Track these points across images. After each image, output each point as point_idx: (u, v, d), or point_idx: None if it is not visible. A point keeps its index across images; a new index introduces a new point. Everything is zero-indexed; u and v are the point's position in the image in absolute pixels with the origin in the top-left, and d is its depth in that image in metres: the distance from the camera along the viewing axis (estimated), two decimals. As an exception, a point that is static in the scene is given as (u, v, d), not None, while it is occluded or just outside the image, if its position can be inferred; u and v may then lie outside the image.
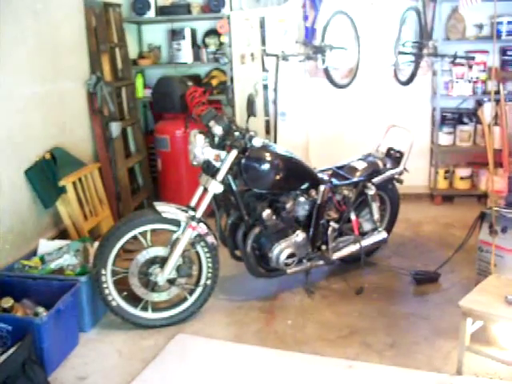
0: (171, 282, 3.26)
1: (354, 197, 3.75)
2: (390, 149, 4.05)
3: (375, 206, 3.84)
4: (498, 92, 4.59)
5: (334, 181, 3.71)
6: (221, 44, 5.54)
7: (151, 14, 5.44)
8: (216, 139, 3.24)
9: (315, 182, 3.58)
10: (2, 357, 2.53)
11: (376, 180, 3.80)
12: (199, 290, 3.35)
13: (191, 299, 3.35)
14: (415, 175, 4.46)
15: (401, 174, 3.96)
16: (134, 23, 5.71)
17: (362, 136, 5.35)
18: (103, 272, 3.16)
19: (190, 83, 5.13)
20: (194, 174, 3.57)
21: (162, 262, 3.21)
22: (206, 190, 3.24)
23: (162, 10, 5.51)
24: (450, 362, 2.83)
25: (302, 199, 3.53)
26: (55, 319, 2.85)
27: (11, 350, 2.55)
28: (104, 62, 4.69)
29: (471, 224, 3.53)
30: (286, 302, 3.57)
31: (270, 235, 3.41)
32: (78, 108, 4.49)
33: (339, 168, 3.90)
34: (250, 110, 3.29)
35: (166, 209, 3.20)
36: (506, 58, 5.20)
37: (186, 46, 5.56)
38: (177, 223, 3.20)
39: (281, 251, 3.40)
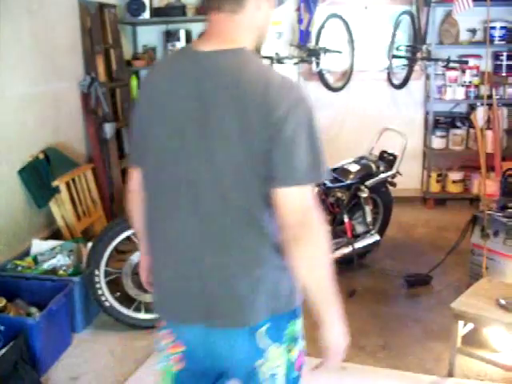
0: (164, 282, 3.26)
1: (347, 199, 3.76)
2: (383, 152, 4.07)
3: (368, 209, 3.86)
4: (490, 96, 4.62)
5: (327, 183, 3.73)
6: (215, 46, 5.54)
7: (146, 15, 5.43)
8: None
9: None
10: (-5, 357, 2.54)
11: (369, 183, 3.82)
12: (192, 291, 3.35)
13: (184, 300, 3.35)
14: (408, 178, 4.49)
15: (394, 177, 3.98)
16: (129, 24, 5.70)
17: (356, 139, 5.37)
18: (96, 272, 3.16)
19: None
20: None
21: (156, 262, 3.21)
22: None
23: (156, 12, 5.51)
24: (442, 364, 2.85)
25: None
26: (48, 319, 2.85)
27: (3, 350, 2.55)
28: (98, 63, 4.69)
29: (463, 227, 3.55)
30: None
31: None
32: (72, 108, 4.49)
33: (332, 170, 3.91)
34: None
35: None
36: (499, 62, 5.24)
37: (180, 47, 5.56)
38: (170, 224, 3.20)
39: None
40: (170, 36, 5.58)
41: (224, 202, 1.39)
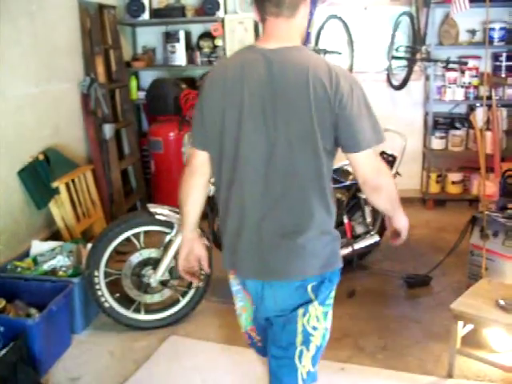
0: (164, 283, 3.26)
1: (347, 200, 3.76)
2: (382, 152, 4.06)
3: (368, 210, 3.86)
4: (490, 97, 4.62)
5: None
6: (215, 47, 5.54)
7: (146, 16, 5.44)
8: (210, 142, 3.24)
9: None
10: (-6, 358, 2.54)
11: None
12: (192, 292, 3.36)
13: (184, 301, 3.35)
14: (407, 179, 4.48)
15: (393, 177, 3.97)
16: (129, 25, 5.71)
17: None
18: (96, 273, 3.16)
19: (183, 86, 5.13)
20: (187, 177, 3.57)
21: (155, 263, 3.21)
22: (199, 192, 3.24)
23: (156, 13, 5.51)
24: (441, 365, 2.85)
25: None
26: (47, 320, 2.85)
27: (3, 352, 2.55)
28: (98, 64, 4.69)
29: (463, 228, 3.55)
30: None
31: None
32: (71, 109, 4.49)
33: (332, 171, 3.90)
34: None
35: (159, 210, 3.20)
36: (498, 63, 5.24)
37: (180, 48, 5.56)
38: (170, 225, 3.21)
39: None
40: (170, 37, 5.58)
41: (294, 170, 1.71)
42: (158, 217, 3.17)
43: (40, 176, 3.81)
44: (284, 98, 1.68)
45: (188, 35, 5.66)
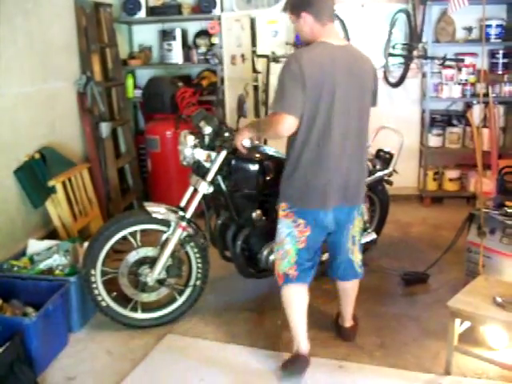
0: (161, 282, 3.25)
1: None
2: (379, 150, 4.05)
3: (365, 207, 3.85)
4: (486, 94, 4.62)
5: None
6: (211, 45, 5.53)
7: (142, 14, 5.43)
8: (206, 140, 3.23)
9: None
10: (-9, 357, 2.53)
11: (366, 181, 3.80)
12: (189, 290, 3.35)
13: (181, 299, 3.35)
14: (404, 177, 4.48)
15: (390, 175, 3.97)
16: (125, 23, 5.70)
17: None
18: (93, 272, 3.15)
19: (180, 84, 5.13)
20: (183, 175, 3.56)
21: (152, 262, 3.20)
22: (195, 190, 3.23)
23: (152, 11, 5.51)
24: (439, 362, 2.85)
25: (292, 200, 3.53)
26: (44, 319, 2.84)
27: (0, 351, 2.55)
28: (94, 62, 4.68)
29: (460, 225, 3.56)
30: (275, 303, 3.56)
31: (260, 236, 3.39)
32: (68, 108, 4.48)
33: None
34: (240, 111, 3.28)
35: (156, 209, 3.19)
36: (495, 60, 5.24)
37: (176, 46, 5.56)
38: (166, 223, 3.20)
39: (270, 252, 3.40)
40: (166, 35, 5.58)
41: (360, 129, 2.64)
42: (154, 215, 3.16)
43: (36, 175, 3.80)
44: (358, 77, 2.58)
45: (184, 33, 5.66)
